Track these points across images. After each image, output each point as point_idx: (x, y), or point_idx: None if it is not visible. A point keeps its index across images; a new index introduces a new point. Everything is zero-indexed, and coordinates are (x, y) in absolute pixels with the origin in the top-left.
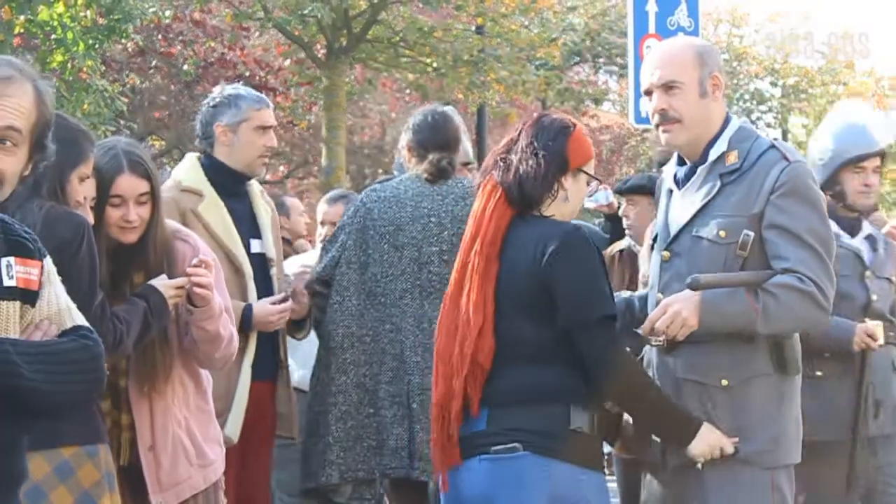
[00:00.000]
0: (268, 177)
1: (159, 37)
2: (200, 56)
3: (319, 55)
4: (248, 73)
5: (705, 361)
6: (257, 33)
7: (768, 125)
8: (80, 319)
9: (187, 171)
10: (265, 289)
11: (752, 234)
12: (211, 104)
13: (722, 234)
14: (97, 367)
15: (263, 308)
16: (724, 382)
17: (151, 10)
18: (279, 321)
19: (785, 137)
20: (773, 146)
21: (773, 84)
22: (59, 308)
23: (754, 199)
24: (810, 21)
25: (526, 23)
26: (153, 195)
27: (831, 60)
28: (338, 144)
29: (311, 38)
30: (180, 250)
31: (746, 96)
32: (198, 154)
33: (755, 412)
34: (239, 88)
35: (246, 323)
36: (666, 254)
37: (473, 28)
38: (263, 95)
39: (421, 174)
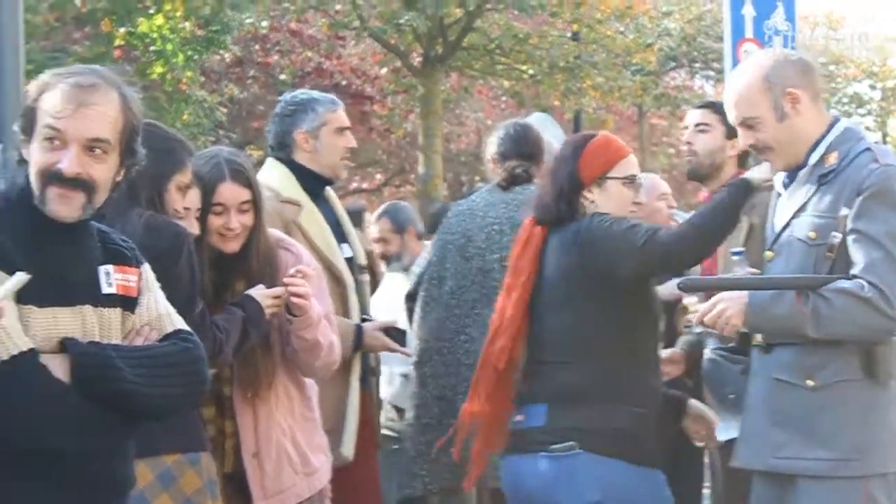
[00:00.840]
0: (364, 185)
1: (256, 47)
2: (297, 65)
3: (415, 63)
4: (344, 82)
5: (796, 362)
6: (353, 42)
7: (867, 128)
8: (181, 323)
9: (282, 180)
10: (357, 295)
11: (839, 236)
12: (284, 113)
13: (812, 235)
14: (199, 370)
15: (372, 330)
16: (811, 384)
17: (249, 20)
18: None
19: (884, 140)
20: (868, 149)
21: (872, 87)
22: (160, 313)
23: (844, 201)
24: None
25: (622, 28)
26: (255, 203)
27: None
28: (434, 152)
29: (408, 47)
30: (284, 259)
31: (845, 100)
32: (279, 161)
33: (840, 417)
34: (310, 93)
35: (357, 342)
36: (769, 253)
37: (569, 34)
38: (334, 96)
39: (497, 183)
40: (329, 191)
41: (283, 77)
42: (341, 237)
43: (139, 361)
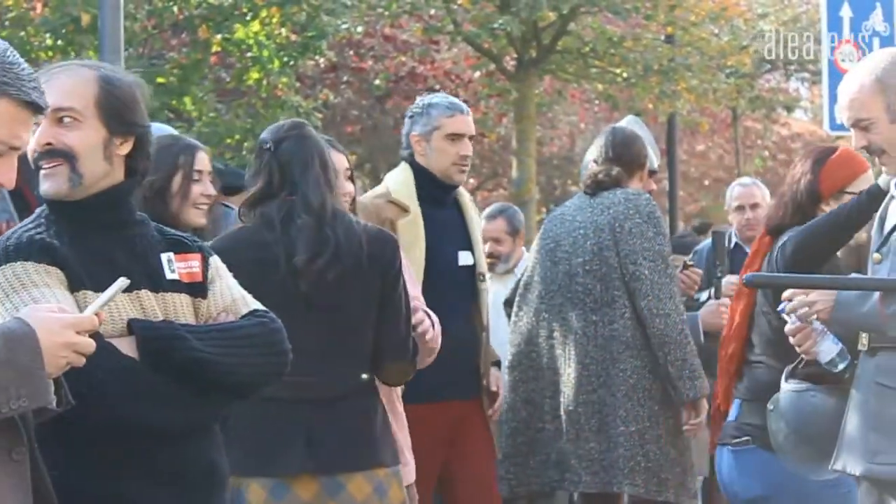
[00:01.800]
0: None
1: (351, 52)
2: (391, 70)
3: (509, 67)
4: (438, 87)
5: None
6: (447, 47)
7: None
8: (255, 304)
9: (398, 180)
10: (469, 304)
11: None
12: (410, 114)
13: None
14: (276, 342)
15: None
16: None
17: (344, 26)
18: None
19: None
20: None
21: None
22: (234, 298)
23: None
24: None
25: (716, 31)
26: None
27: None
28: (528, 156)
29: (501, 51)
30: None
31: None
32: (406, 162)
33: None
34: (435, 97)
35: None
36: (877, 256)
37: (663, 37)
38: (459, 102)
39: (584, 189)
40: (462, 195)
41: (377, 82)
42: (464, 244)
43: (210, 335)
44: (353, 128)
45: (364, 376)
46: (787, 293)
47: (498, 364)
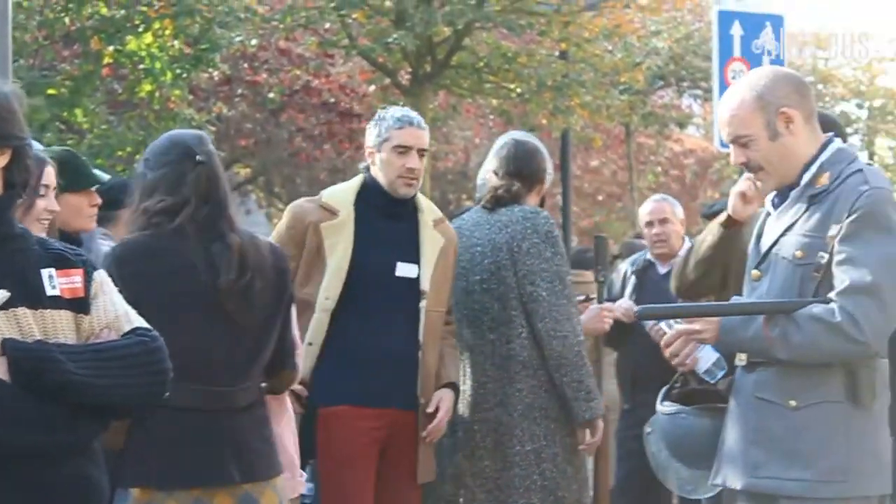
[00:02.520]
0: None
1: (245, 65)
2: (285, 84)
3: (404, 81)
4: (332, 100)
5: (778, 382)
6: (342, 61)
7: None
8: (139, 322)
9: (339, 187)
10: (408, 319)
11: (826, 256)
12: (368, 126)
13: (799, 254)
14: (154, 361)
15: None
16: (793, 403)
17: (238, 39)
18: None
19: (871, 159)
20: (860, 170)
21: (859, 106)
22: (117, 314)
23: (832, 221)
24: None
25: (610, 47)
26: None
27: None
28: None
29: (396, 65)
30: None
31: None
32: (365, 171)
33: (821, 438)
34: (389, 109)
35: None
36: (755, 273)
37: (557, 53)
38: (411, 115)
39: (483, 203)
40: (426, 213)
41: (271, 95)
42: (408, 257)
43: (84, 356)
44: (247, 141)
45: (263, 384)
46: (667, 338)
47: (451, 386)
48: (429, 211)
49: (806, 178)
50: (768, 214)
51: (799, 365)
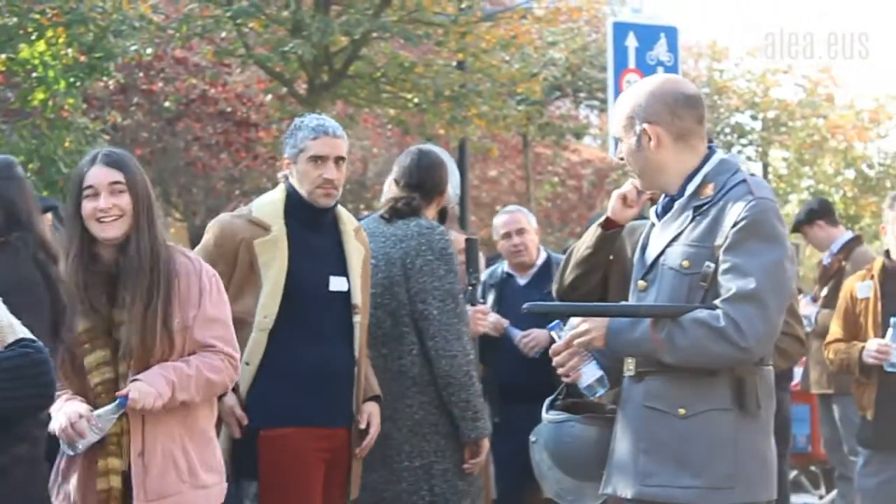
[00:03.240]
0: None
1: (140, 74)
2: (181, 93)
3: (301, 91)
4: (229, 109)
5: (668, 390)
6: (239, 70)
7: (749, 158)
8: (23, 333)
9: (266, 200)
10: (343, 334)
11: (712, 265)
12: (286, 136)
13: (685, 263)
14: (40, 373)
15: None
16: (682, 412)
17: (133, 47)
18: None
19: (766, 170)
20: (744, 181)
21: (754, 117)
22: (1, 325)
23: (717, 231)
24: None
25: (507, 58)
26: (130, 188)
27: (811, 93)
28: None
29: (293, 75)
30: (182, 263)
31: (727, 130)
32: (285, 182)
33: (709, 446)
34: (306, 119)
35: None
36: (642, 283)
37: (454, 63)
38: (326, 124)
39: (381, 214)
40: (346, 223)
41: (167, 104)
42: (338, 270)
43: None
44: (143, 150)
45: None
46: (554, 348)
47: (377, 399)
48: (348, 221)
49: (690, 189)
50: (653, 225)
51: (687, 373)
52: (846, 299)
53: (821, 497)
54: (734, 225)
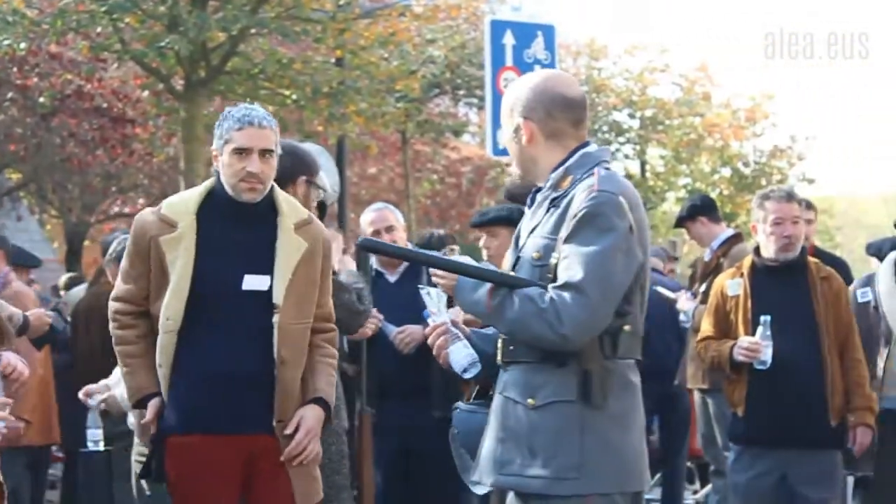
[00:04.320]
0: (126, 209)
1: (14, 69)
2: (57, 88)
3: (178, 87)
4: (105, 105)
5: (522, 380)
6: (115, 65)
7: (627, 156)
8: None
9: (183, 195)
10: (262, 335)
11: (557, 257)
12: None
13: (536, 255)
14: None
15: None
16: (531, 402)
17: (6, 42)
18: None
19: (643, 168)
20: (593, 174)
21: (632, 116)
22: None
23: (564, 223)
24: (668, 54)
25: (385, 55)
26: None
27: (688, 92)
28: (196, 177)
29: (170, 70)
30: None
31: (605, 128)
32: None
33: (554, 436)
34: (233, 109)
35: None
36: (511, 274)
37: (333, 60)
38: (253, 114)
39: None
40: (287, 215)
41: (42, 100)
42: (260, 269)
43: None
44: (17, 146)
45: None
46: (427, 330)
47: (319, 402)
48: (291, 214)
49: (551, 181)
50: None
51: (539, 364)
52: (717, 296)
53: (695, 492)
54: (574, 216)
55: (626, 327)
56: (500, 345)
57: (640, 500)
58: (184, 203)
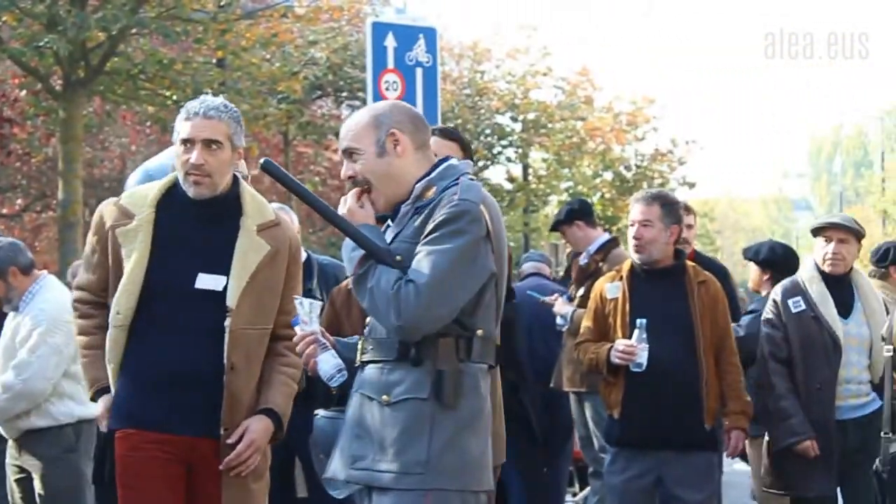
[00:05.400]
0: (4, 210)
1: None
2: None
3: (57, 87)
4: None
5: (378, 378)
6: None
7: (509, 160)
8: None
9: (141, 187)
10: (214, 337)
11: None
12: None
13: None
14: None
15: None
16: (385, 398)
17: None
18: None
19: (526, 172)
20: (457, 183)
21: (514, 119)
22: None
23: (426, 229)
24: (550, 58)
25: (267, 56)
26: None
27: (570, 95)
28: (75, 177)
29: (48, 70)
30: None
31: (488, 131)
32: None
33: (405, 432)
34: (200, 99)
35: None
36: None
37: (214, 61)
38: (203, 102)
39: None
40: (251, 216)
41: None
42: (216, 268)
43: None
44: None
45: None
46: (295, 339)
47: (268, 413)
48: (255, 214)
49: (416, 191)
50: (388, 226)
51: (394, 362)
52: (596, 300)
53: (574, 494)
54: (434, 222)
55: (480, 332)
56: (359, 346)
57: (486, 500)
58: (143, 195)
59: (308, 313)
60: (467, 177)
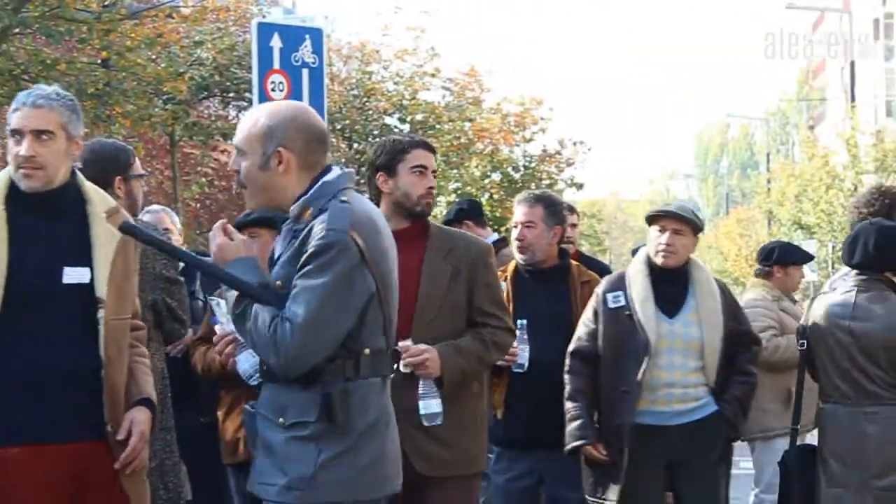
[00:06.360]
0: None
1: None
2: None
3: None
4: None
5: (273, 399)
6: None
7: None
8: None
9: None
10: (85, 332)
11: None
12: None
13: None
14: None
15: None
16: (281, 421)
17: None
18: None
19: None
20: (327, 209)
21: (402, 120)
22: None
23: (301, 256)
24: (438, 59)
25: (153, 57)
26: None
27: (458, 96)
28: None
29: None
30: None
31: (376, 132)
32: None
33: (294, 451)
34: (27, 90)
35: None
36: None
37: (98, 61)
38: (32, 93)
39: None
40: (95, 203)
41: None
42: (77, 259)
43: None
44: None
45: None
46: (215, 339)
47: (146, 403)
48: (99, 202)
49: (293, 212)
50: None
51: (287, 384)
52: None
53: None
54: (306, 253)
55: (366, 350)
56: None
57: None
58: None
59: (225, 314)
60: (340, 197)
